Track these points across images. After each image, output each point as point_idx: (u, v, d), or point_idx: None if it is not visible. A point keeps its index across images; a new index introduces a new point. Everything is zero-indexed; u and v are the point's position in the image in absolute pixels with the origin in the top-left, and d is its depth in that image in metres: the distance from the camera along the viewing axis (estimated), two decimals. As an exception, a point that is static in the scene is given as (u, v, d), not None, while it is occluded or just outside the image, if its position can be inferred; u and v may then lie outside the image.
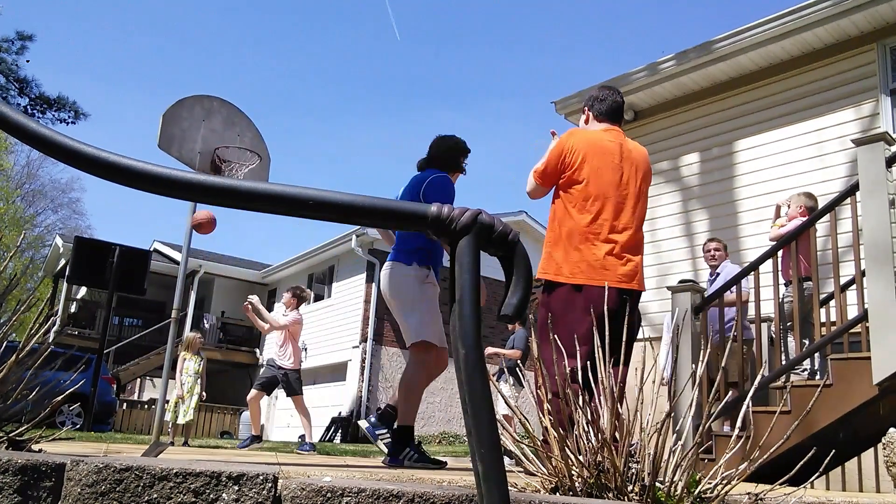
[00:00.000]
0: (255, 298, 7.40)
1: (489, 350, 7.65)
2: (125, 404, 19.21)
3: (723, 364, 2.35)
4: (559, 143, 3.28)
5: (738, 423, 2.05)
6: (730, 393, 2.27)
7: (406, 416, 3.82)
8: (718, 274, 5.77)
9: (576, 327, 2.86)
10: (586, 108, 3.51)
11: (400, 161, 73.55)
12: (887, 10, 6.18)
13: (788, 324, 5.00)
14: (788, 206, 5.63)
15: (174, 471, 1.26)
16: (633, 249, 3.18)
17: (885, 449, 3.31)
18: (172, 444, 7.28)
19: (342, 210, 1.03)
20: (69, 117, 14.87)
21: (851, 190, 4.40)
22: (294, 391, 7.42)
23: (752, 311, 5.19)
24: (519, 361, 7.65)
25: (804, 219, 5.18)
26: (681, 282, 5.91)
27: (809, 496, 2.20)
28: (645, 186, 3.33)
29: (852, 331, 4.41)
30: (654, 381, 1.82)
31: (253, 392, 7.41)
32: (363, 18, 62.08)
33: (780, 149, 6.91)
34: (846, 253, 5.25)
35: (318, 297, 19.90)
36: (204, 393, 9.90)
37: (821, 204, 5.07)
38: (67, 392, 2.30)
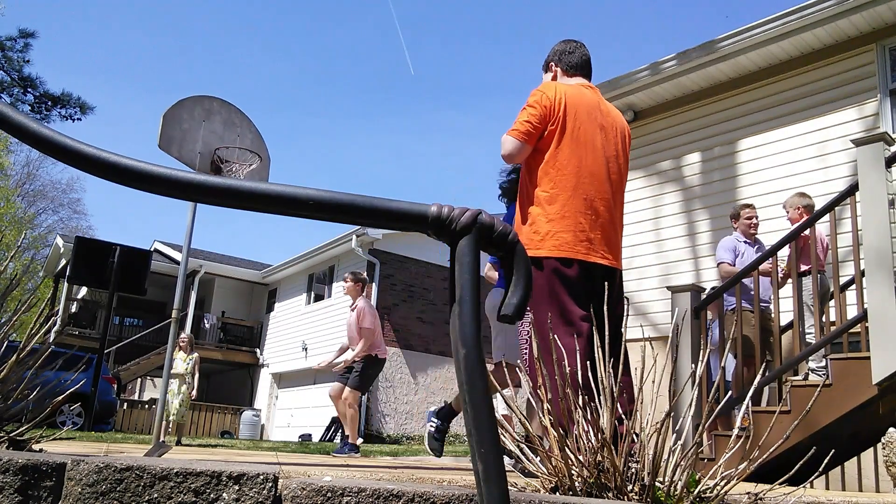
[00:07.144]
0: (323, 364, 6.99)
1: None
2: (126, 404, 19.23)
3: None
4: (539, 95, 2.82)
5: (738, 423, 2.05)
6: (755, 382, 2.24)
7: None
8: (760, 242, 5.85)
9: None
10: (553, 64, 3.07)
11: (400, 160, 73.54)
12: (886, 11, 6.18)
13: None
14: (787, 211, 5.66)
15: (175, 470, 1.26)
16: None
17: (884, 448, 3.31)
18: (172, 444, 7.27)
19: (342, 210, 1.03)
20: (75, 113, 14.69)
21: (851, 190, 4.40)
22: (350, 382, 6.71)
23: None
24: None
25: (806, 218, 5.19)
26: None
27: (809, 496, 2.20)
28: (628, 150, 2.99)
29: (852, 331, 4.41)
30: (653, 381, 1.82)
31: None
32: (364, 18, 62.11)
33: (781, 149, 6.91)
34: (846, 253, 5.25)
35: (319, 297, 19.91)
36: (194, 392, 9.99)
37: (819, 204, 5.07)
38: (68, 392, 2.30)
